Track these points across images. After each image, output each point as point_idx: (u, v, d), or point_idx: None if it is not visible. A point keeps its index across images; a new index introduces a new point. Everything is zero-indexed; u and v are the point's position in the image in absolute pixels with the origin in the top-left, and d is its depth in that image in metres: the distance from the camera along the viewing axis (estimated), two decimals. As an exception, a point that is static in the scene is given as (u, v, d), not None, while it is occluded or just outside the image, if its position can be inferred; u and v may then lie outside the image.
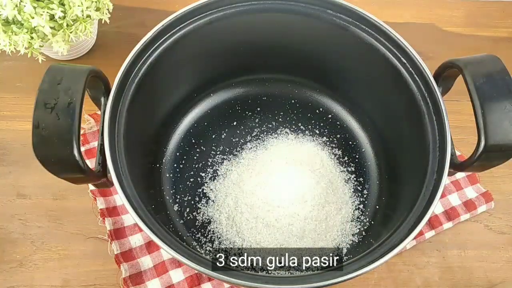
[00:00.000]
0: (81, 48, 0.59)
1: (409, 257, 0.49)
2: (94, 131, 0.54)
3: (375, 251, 0.36)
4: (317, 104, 0.56)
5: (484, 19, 0.70)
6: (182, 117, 0.54)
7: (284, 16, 0.46)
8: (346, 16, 0.45)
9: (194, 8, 0.44)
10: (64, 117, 0.31)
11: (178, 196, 0.50)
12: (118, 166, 0.36)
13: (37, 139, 0.31)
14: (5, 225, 0.49)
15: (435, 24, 0.68)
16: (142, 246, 0.48)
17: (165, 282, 0.46)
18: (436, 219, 0.51)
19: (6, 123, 0.55)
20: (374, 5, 0.68)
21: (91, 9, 0.50)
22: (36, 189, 0.51)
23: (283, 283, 0.33)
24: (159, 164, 0.51)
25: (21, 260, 0.47)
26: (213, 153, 0.52)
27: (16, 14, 0.47)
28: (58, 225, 0.49)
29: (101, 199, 0.50)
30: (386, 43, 0.44)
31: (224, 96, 0.56)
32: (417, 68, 0.42)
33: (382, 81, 0.47)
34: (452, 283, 0.49)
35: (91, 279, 0.46)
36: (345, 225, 0.48)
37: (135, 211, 0.35)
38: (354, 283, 0.47)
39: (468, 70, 0.36)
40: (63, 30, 0.50)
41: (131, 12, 0.65)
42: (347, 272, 0.34)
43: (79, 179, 0.34)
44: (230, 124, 0.55)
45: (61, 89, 0.32)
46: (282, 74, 0.56)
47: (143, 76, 0.42)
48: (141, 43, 0.41)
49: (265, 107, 0.56)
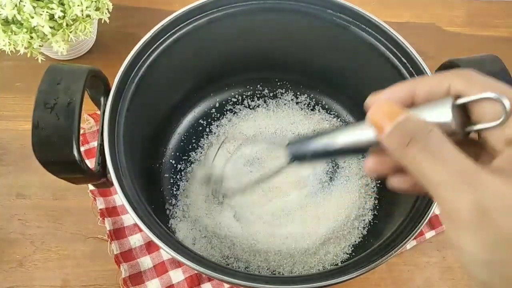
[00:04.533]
0: (80, 48, 0.59)
1: (409, 257, 0.49)
2: (93, 131, 0.54)
3: (375, 251, 0.36)
4: (317, 104, 0.56)
5: (484, 19, 0.69)
6: (182, 117, 0.54)
7: (284, 15, 0.46)
8: (346, 15, 0.45)
9: (193, 8, 0.44)
10: (63, 117, 0.31)
11: (178, 196, 0.50)
12: (117, 166, 0.36)
13: (36, 139, 0.31)
14: (4, 225, 0.49)
15: (435, 24, 0.68)
16: (142, 246, 0.48)
17: (165, 282, 0.46)
18: (436, 219, 0.51)
19: (6, 123, 0.55)
20: (374, 5, 0.68)
21: (91, 8, 0.50)
22: (36, 189, 0.51)
23: (283, 283, 0.33)
24: (159, 164, 0.51)
25: (21, 260, 0.47)
26: (214, 153, 0.52)
27: (15, 14, 0.47)
28: (58, 225, 0.49)
29: (100, 199, 0.50)
30: (386, 42, 0.44)
31: (224, 95, 0.56)
32: (417, 68, 0.42)
33: (382, 80, 0.47)
34: (452, 283, 0.49)
35: (91, 279, 0.46)
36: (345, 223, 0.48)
37: (134, 211, 0.34)
38: (354, 283, 0.47)
39: (468, 70, 0.36)
40: (63, 30, 0.50)
41: (131, 12, 0.65)
42: (347, 272, 0.34)
43: (78, 179, 0.34)
44: (230, 124, 0.55)
45: (61, 89, 0.32)
46: (282, 74, 0.56)
47: (142, 76, 0.42)
48: (140, 43, 0.41)
49: (266, 106, 0.56)
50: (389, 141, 0.22)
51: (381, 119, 0.22)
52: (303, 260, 0.46)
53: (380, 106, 0.23)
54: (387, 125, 0.22)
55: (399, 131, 0.22)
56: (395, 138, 0.22)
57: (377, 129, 0.23)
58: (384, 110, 0.23)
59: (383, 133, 0.22)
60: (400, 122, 0.22)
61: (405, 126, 0.22)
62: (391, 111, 0.22)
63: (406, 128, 0.22)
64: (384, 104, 0.23)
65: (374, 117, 0.23)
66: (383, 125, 0.22)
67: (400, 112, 0.22)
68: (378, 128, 0.23)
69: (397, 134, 0.22)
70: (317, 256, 0.46)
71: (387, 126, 0.22)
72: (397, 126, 0.22)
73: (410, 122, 0.22)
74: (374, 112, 0.23)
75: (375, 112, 0.23)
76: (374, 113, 0.23)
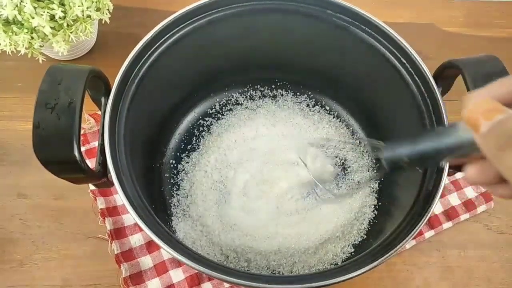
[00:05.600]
0: (81, 48, 0.59)
1: (409, 257, 0.50)
2: (94, 131, 0.54)
3: (374, 250, 0.36)
4: (317, 103, 0.56)
5: (484, 19, 0.70)
6: (182, 117, 0.54)
7: (284, 16, 0.47)
8: (346, 16, 0.45)
9: (194, 8, 0.44)
10: (64, 117, 0.31)
11: (179, 196, 0.50)
12: (118, 166, 0.36)
13: (37, 139, 0.31)
14: (5, 225, 0.49)
15: (435, 24, 0.68)
16: (142, 246, 0.48)
17: (165, 281, 0.46)
18: (435, 219, 0.51)
19: (6, 123, 0.55)
20: (374, 5, 0.68)
21: (92, 9, 0.51)
22: (36, 189, 0.51)
23: (283, 283, 0.33)
24: (159, 164, 0.51)
25: (22, 260, 0.47)
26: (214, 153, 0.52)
27: (16, 14, 0.47)
28: (58, 225, 0.49)
29: (101, 199, 0.50)
30: (386, 43, 0.44)
31: (224, 96, 0.56)
32: (416, 68, 0.42)
33: (382, 81, 0.47)
34: (451, 283, 0.49)
35: (91, 279, 0.47)
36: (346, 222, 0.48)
37: (135, 210, 0.35)
38: (354, 283, 0.47)
39: (468, 70, 0.37)
40: (64, 30, 0.50)
41: (131, 12, 0.65)
42: (347, 272, 0.34)
43: (79, 179, 0.35)
44: (231, 124, 0.55)
45: (61, 89, 0.32)
46: (282, 74, 0.56)
47: (143, 76, 0.42)
48: (141, 43, 0.41)
49: (266, 106, 0.56)
50: (485, 142, 0.20)
51: (479, 117, 0.20)
52: (303, 260, 0.46)
53: (479, 102, 0.21)
54: (484, 124, 0.20)
55: (496, 132, 0.19)
56: (491, 139, 0.20)
57: (473, 128, 0.21)
58: (483, 107, 0.20)
59: (479, 133, 0.20)
60: (499, 121, 0.19)
61: (504, 126, 0.19)
62: (490, 109, 0.20)
63: (504, 129, 0.19)
64: (483, 100, 0.21)
65: (471, 114, 0.21)
66: (480, 124, 0.20)
67: (501, 110, 0.20)
68: (474, 126, 0.21)
69: (494, 134, 0.20)
70: (317, 255, 0.47)
71: (484, 125, 0.20)
72: (495, 126, 0.20)
73: (510, 122, 0.19)
74: (472, 109, 0.21)
75: (473, 109, 0.21)
76: (471, 110, 0.21)
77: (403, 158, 0.29)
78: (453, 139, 0.24)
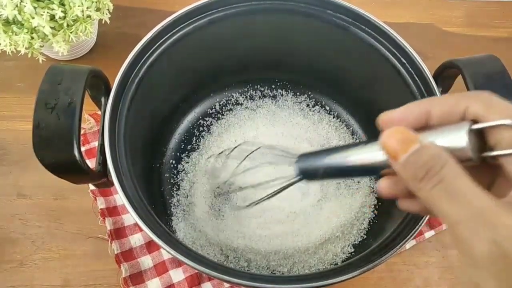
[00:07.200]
0: (81, 48, 0.59)
1: (409, 257, 0.50)
2: (94, 131, 0.54)
3: (374, 250, 0.36)
4: (317, 103, 0.56)
5: (484, 19, 0.70)
6: (182, 117, 0.54)
7: (284, 16, 0.47)
8: (346, 16, 0.45)
9: (194, 8, 0.44)
10: (64, 117, 0.31)
11: (179, 196, 0.50)
12: (118, 166, 0.36)
13: (37, 139, 0.31)
14: (5, 225, 0.49)
15: (435, 24, 0.68)
16: (142, 246, 0.48)
17: (165, 281, 0.46)
18: (435, 219, 0.51)
19: (6, 123, 0.55)
20: (374, 5, 0.68)
21: (92, 9, 0.51)
22: (36, 189, 0.51)
23: (283, 283, 0.33)
24: (159, 164, 0.51)
25: (22, 260, 0.47)
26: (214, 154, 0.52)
27: (16, 14, 0.47)
28: (58, 225, 0.49)
29: (101, 199, 0.50)
30: (386, 43, 0.44)
31: (224, 96, 0.56)
32: (416, 68, 0.42)
33: (382, 81, 0.47)
34: (451, 283, 0.49)
35: (91, 279, 0.46)
36: (346, 223, 0.48)
37: (135, 210, 0.35)
38: (354, 283, 0.47)
39: (468, 70, 0.37)
40: (64, 30, 0.50)
41: (131, 12, 0.65)
42: (347, 272, 0.34)
43: (79, 179, 0.35)
44: (231, 124, 0.55)
45: (62, 89, 0.32)
46: (282, 74, 0.56)
47: (143, 76, 0.42)
48: (141, 43, 0.41)
49: (266, 106, 0.56)
50: (404, 171, 0.21)
51: (395, 146, 0.21)
52: (303, 260, 0.46)
53: (393, 131, 0.22)
54: (401, 154, 0.21)
55: (413, 162, 0.21)
56: (409, 169, 0.21)
57: (391, 156, 0.22)
58: (398, 137, 0.21)
59: (397, 163, 0.21)
60: (414, 152, 0.21)
61: (419, 156, 0.20)
62: (405, 138, 0.21)
63: (420, 159, 0.20)
64: (398, 130, 0.22)
65: (387, 143, 0.22)
66: (397, 154, 0.21)
67: (414, 139, 0.21)
68: (391, 155, 0.21)
69: (411, 165, 0.21)
70: (317, 255, 0.47)
71: (401, 155, 0.21)
72: (411, 156, 0.21)
73: (424, 151, 0.20)
74: (387, 138, 0.22)
75: (388, 138, 0.22)
76: (387, 139, 0.22)
77: (318, 172, 0.28)
78: (372, 157, 0.24)
